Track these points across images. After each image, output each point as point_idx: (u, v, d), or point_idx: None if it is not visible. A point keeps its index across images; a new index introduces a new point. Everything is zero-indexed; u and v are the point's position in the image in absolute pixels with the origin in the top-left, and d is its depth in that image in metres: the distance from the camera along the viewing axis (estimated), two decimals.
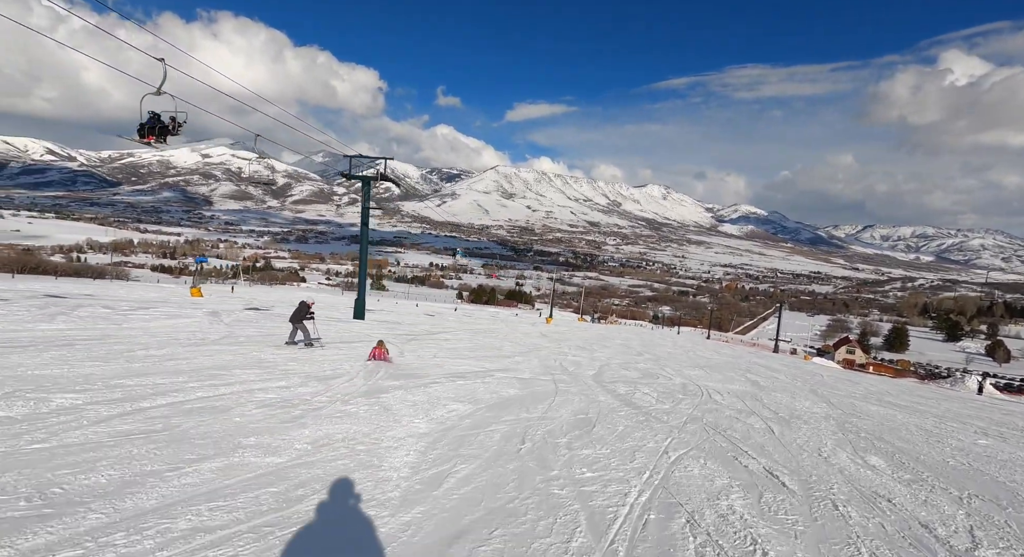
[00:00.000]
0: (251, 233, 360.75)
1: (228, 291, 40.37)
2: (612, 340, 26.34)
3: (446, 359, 11.87)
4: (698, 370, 15.29)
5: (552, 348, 17.94)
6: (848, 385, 17.20)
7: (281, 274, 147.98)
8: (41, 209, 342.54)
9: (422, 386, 8.09)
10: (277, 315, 18.74)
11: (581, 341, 23.00)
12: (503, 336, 21.36)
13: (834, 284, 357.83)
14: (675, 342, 33.11)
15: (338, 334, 14.79)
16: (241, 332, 12.81)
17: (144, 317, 13.82)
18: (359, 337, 14.43)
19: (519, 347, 16.94)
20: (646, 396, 9.45)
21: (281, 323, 14.80)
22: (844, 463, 5.87)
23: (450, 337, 18.00)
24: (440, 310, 43.56)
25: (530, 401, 7.84)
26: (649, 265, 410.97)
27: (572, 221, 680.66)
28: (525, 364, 12.36)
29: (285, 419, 5.29)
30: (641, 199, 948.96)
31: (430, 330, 20.27)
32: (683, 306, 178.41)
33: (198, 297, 25.52)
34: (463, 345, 15.61)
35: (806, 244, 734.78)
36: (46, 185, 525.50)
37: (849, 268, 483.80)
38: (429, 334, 18.40)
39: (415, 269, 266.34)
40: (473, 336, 19.57)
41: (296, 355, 9.96)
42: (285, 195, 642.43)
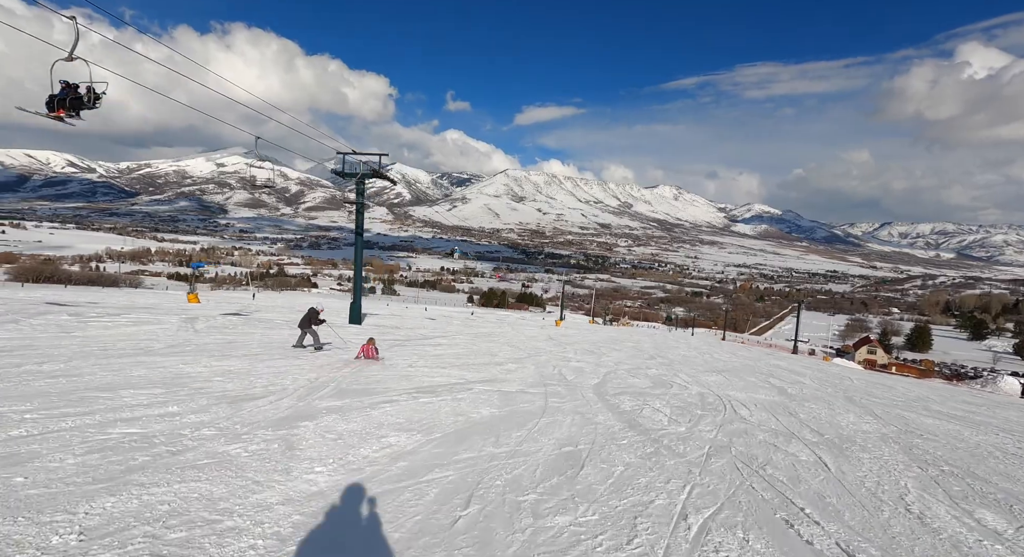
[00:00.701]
0: (265, 240, 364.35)
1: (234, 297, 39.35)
2: (623, 343, 24.42)
3: (423, 368, 10.27)
4: (716, 375, 13.57)
5: (555, 352, 16.12)
6: (883, 390, 15.20)
7: (293, 280, 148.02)
8: (63, 220, 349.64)
9: (367, 407, 6.36)
10: (258, 321, 17.47)
11: (589, 344, 21.10)
12: (504, 340, 19.47)
13: (852, 283, 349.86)
14: (689, 344, 30.89)
15: (323, 341, 13.37)
16: (202, 340, 11.55)
17: (106, 324, 12.79)
18: (341, 344, 12.94)
19: (517, 352, 15.17)
20: (657, 413, 7.67)
21: (258, 329, 14.23)
22: (950, 526, 3.99)
23: (444, 342, 16.30)
24: (450, 314, 41.95)
25: (505, 426, 6.06)
26: (661, 266, 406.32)
27: (583, 223, 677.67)
28: (517, 373, 10.70)
29: (106, 476, 3.51)
30: (652, 200, 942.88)
31: (427, 334, 18.70)
32: (697, 307, 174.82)
33: (195, 303, 24.62)
34: (454, 351, 13.93)
35: (822, 243, 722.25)
36: (67, 196, 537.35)
37: (867, 266, 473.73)
38: (423, 339, 16.80)
39: (426, 273, 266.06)
40: (471, 340, 17.82)
41: (234, 368, 8.36)
42: (298, 202, 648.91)
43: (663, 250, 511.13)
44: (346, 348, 12.05)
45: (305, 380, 7.83)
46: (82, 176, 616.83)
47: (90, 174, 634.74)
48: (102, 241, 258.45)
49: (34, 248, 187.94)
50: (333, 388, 7.42)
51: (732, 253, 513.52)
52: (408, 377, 9.06)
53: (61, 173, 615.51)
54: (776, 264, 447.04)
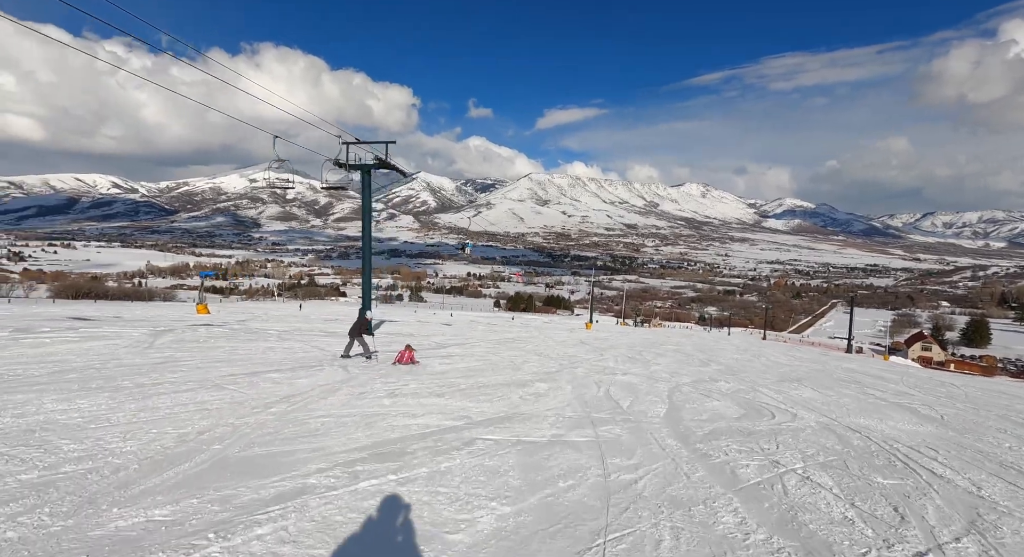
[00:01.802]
0: (296, 252, 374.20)
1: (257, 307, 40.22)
2: (662, 345, 22.84)
3: (409, 399, 7.47)
4: (806, 390, 11.13)
5: (593, 361, 13.92)
6: (1005, 398, 12.62)
7: (323, 290, 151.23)
8: (109, 239, 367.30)
9: (209, 530, 3.22)
10: (246, 332, 15.66)
11: (627, 348, 19.40)
12: (531, 347, 17.28)
13: (894, 276, 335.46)
14: (736, 345, 28.52)
15: (302, 356, 11.30)
16: (141, 360, 9.34)
17: (53, 339, 11.18)
18: (318, 361, 10.74)
19: (547, 363, 12.89)
20: (818, 495, 4.45)
21: (230, 344, 12.56)
22: None
23: (458, 352, 14.08)
24: (476, 319, 41.16)
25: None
26: (691, 265, 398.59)
27: (608, 224, 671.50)
28: (548, 399, 8.09)
29: None
30: (679, 198, 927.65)
31: (442, 342, 16.75)
32: (730, 306, 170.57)
33: (203, 314, 23.69)
34: (465, 364, 11.51)
35: (859, 236, 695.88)
36: (113, 216, 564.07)
37: (909, 259, 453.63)
38: (436, 348, 14.80)
39: (452, 279, 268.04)
40: (491, 349, 15.58)
41: (120, 417, 5.60)
42: (327, 214, 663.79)
43: (692, 249, 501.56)
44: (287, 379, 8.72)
45: (173, 438, 4.91)
46: (125, 197, 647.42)
47: (133, 194, 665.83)
48: (144, 257, 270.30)
49: (83, 267, 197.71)
50: (211, 457, 4.44)
51: (764, 249, 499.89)
52: (372, 420, 6.11)
53: (107, 195, 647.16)
54: (811, 259, 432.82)
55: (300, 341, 14.44)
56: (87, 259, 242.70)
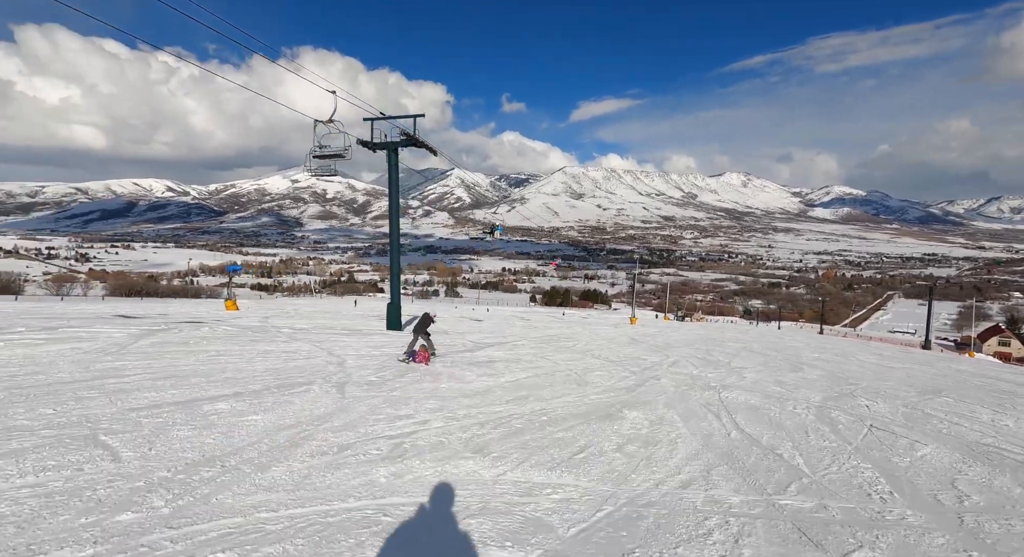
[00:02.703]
0: (336, 250, 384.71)
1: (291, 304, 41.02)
2: (725, 343, 20.53)
3: (426, 463, 4.51)
4: (982, 410, 8.58)
5: (667, 366, 11.68)
6: None
7: (361, 286, 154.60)
8: (164, 240, 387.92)
9: None
10: (255, 331, 13.76)
11: (689, 347, 17.29)
12: (582, 347, 15.06)
13: (956, 266, 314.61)
14: (805, 342, 25.14)
15: (296, 366, 8.99)
16: (70, 373, 7.26)
17: (33, 341, 9.63)
18: (310, 376, 8.12)
19: (615, 371, 10.65)
20: None
21: (235, 346, 10.96)
22: None
23: (499, 355, 12.04)
24: (514, 314, 40.34)
25: None
26: (732, 257, 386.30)
27: (645, 217, 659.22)
28: (666, 450, 5.28)
29: None
30: (719, 189, 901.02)
31: (479, 341, 14.79)
32: (776, 299, 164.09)
33: (232, 311, 22.19)
34: (512, 377, 9.13)
35: (915, 224, 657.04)
36: (167, 219, 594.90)
37: (973, 247, 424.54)
38: (472, 349, 12.77)
39: (488, 274, 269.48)
40: (538, 351, 13.23)
41: None
42: (365, 212, 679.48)
43: (733, 240, 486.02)
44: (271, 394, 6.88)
45: None
46: (178, 200, 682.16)
47: (185, 197, 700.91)
48: (196, 257, 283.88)
49: (142, 266, 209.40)
50: None
51: (811, 240, 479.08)
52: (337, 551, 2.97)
53: (161, 198, 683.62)
54: (862, 250, 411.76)
55: (312, 342, 12.48)
56: (145, 259, 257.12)
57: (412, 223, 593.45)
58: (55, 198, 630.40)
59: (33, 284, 58.74)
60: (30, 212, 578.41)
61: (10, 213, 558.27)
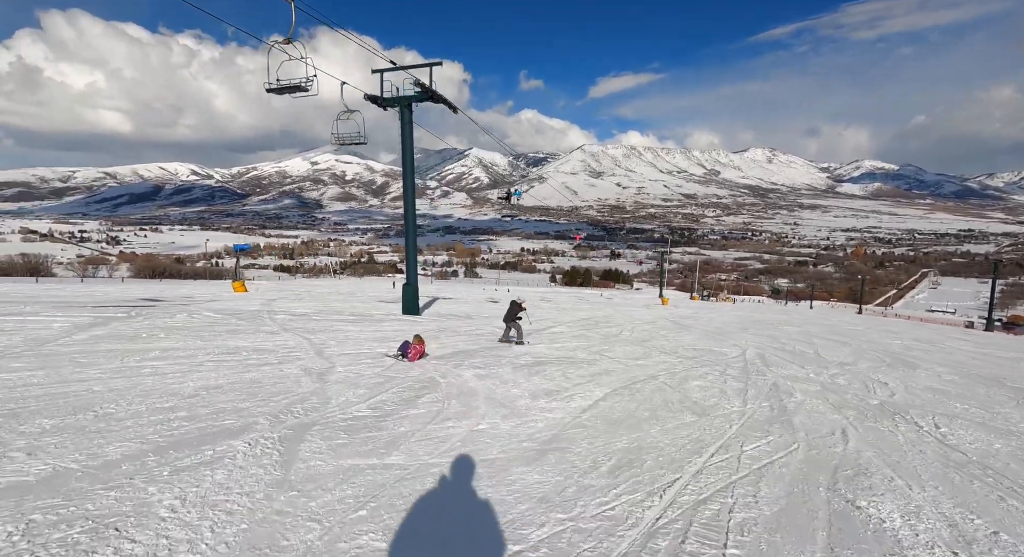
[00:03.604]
0: (356, 231, 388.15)
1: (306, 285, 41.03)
2: (779, 325, 18.85)
3: None
4: None
5: (775, 371, 9.11)
6: None
7: (381, 267, 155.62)
8: (190, 223, 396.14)
9: None
10: (241, 319, 11.98)
11: (750, 333, 15.42)
12: (629, 334, 13.52)
13: (995, 242, 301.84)
14: (863, 324, 23.28)
15: (252, 380, 6.46)
16: None
17: None
18: (268, 397, 5.72)
19: (710, 375, 8.34)
20: None
21: (200, 341, 8.82)
22: None
23: (542, 353, 9.85)
24: (544, 295, 39.17)
25: None
26: (756, 235, 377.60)
27: (666, 195, 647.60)
28: None
29: None
30: (742, 165, 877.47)
31: (524, 330, 12.55)
32: (803, 277, 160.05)
33: (240, 292, 20.99)
34: (580, 405, 6.11)
35: (951, 198, 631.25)
36: (192, 202, 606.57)
37: (1013, 222, 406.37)
38: (493, 349, 9.93)
39: (507, 255, 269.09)
40: (580, 339, 12.07)
41: None
42: (384, 193, 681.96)
43: (756, 218, 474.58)
44: None
45: None
46: (203, 183, 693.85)
47: (208, 181, 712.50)
48: (221, 239, 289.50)
49: (169, 249, 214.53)
50: None
51: (838, 216, 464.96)
52: None
53: (186, 181, 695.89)
54: (893, 226, 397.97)
55: (304, 334, 10.35)
56: (172, 242, 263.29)
57: (430, 204, 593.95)
58: (86, 183, 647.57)
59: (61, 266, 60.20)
60: (63, 196, 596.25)
61: (44, 198, 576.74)
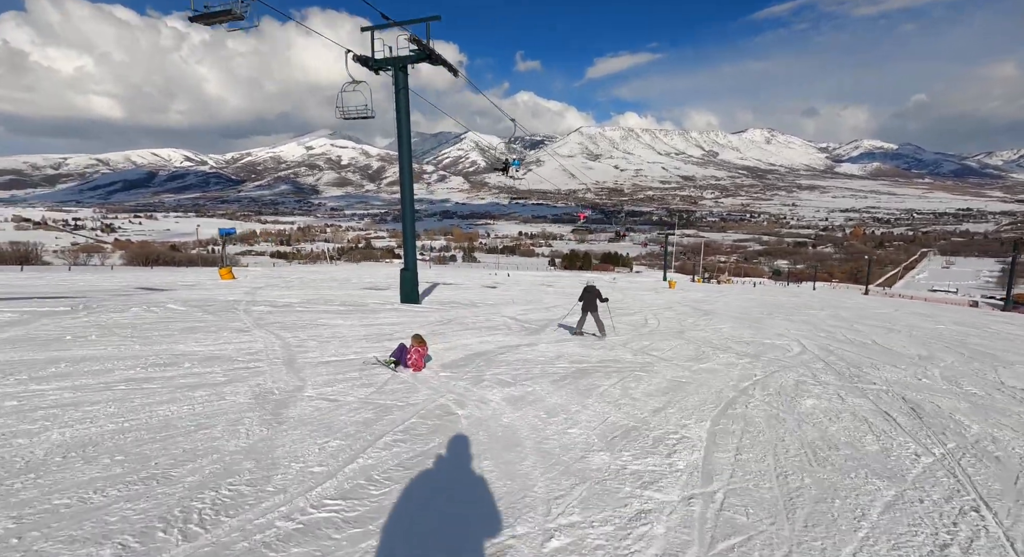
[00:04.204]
0: (353, 216, 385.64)
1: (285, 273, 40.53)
2: (801, 309, 17.84)
3: None
4: None
5: (859, 376, 7.24)
6: None
7: (378, 252, 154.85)
8: (184, 209, 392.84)
9: None
10: (223, 309, 10.77)
11: (784, 320, 14.38)
12: (662, 325, 12.13)
13: (995, 221, 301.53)
14: (889, 306, 22.51)
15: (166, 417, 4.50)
16: None
17: None
18: (180, 459, 3.61)
19: (804, 379, 6.86)
20: None
21: (141, 344, 7.01)
22: None
23: (575, 354, 7.92)
24: (544, 279, 37.89)
25: None
26: (754, 217, 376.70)
27: (664, 177, 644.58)
28: None
29: None
30: (740, 146, 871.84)
31: (524, 319, 11.56)
32: (803, 258, 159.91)
33: (228, 280, 19.72)
34: (622, 412, 5.13)
35: (949, 178, 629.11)
36: (186, 188, 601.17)
37: (1011, 201, 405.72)
38: (523, 331, 9.61)
39: (505, 239, 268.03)
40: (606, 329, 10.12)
41: None
42: (380, 178, 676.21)
43: (755, 199, 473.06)
44: None
45: None
46: (197, 169, 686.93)
47: (203, 167, 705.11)
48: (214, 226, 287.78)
49: (165, 236, 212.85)
50: None
51: (837, 197, 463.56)
52: None
53: (180, 168, 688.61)
54: (892, 206, 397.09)
55: (279, 331, 8.50)
56: (167, 229, 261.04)
57: (427, 188, 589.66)
58: (78, 170, 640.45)
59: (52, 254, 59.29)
60: (55, 184, 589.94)
61: (37, 185, 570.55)
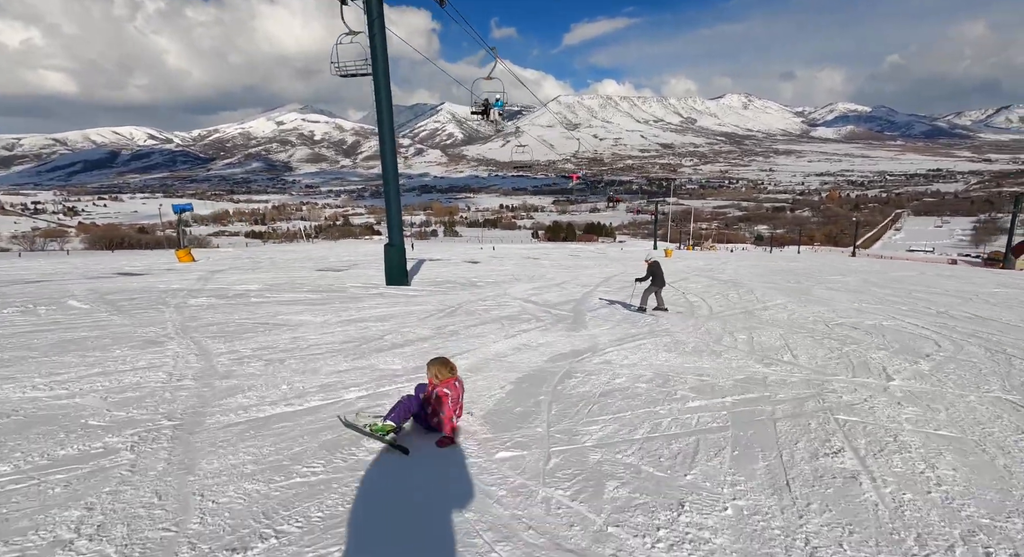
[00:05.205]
0: (329, 193, 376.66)
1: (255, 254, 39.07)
2: (811, 274, 16.85)
3: None
4: None
5: (1011, 374, 5.34)
6: None
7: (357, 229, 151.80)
8: (152, 190, 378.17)
9: None
10: (150, 301, 8.86)
11: (819, 288, 12.97)
12: (712, 303, 10.07)
13: (964, 181, 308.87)
14: (918, 270, 21.29)
15: None
16: None
17: None
18: None
19: None
20: None
21: None
22: None
23: (629, 369, 5.25)
24: (529, 253, 36.15)
25: None
26: (732, 183, 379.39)
27: (643, 146, 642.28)
28: None
29: None
30: (718, 112, 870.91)
31: (540, 298, 9.84)
32: (782, 223, 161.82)
33: (186, 262, 17.86)
34: None
35: (920, 139, 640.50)
36: (152, 167, 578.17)
37: (979, 161, 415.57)
38: (549, 319, 7.83)
39: (485, 212, 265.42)
40: (671, 341, 6.77)
41: None
42: (355, 153, 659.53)
43: (733, 166, 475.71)
44: None
45: None
46: (162, 147, 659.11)
47: (168, 145, 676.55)
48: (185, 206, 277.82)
49: (132, 218, 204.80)
50: None
51: (812, 161, 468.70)
52: None
53: (144, 146, 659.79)
54: (866, 169, 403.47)
55: (213, 340, 6.06)
56: (135, 210, 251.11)
57: (405, 162, 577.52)
58: (34, 150, 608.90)
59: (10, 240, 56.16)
60: (10, 166, 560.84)
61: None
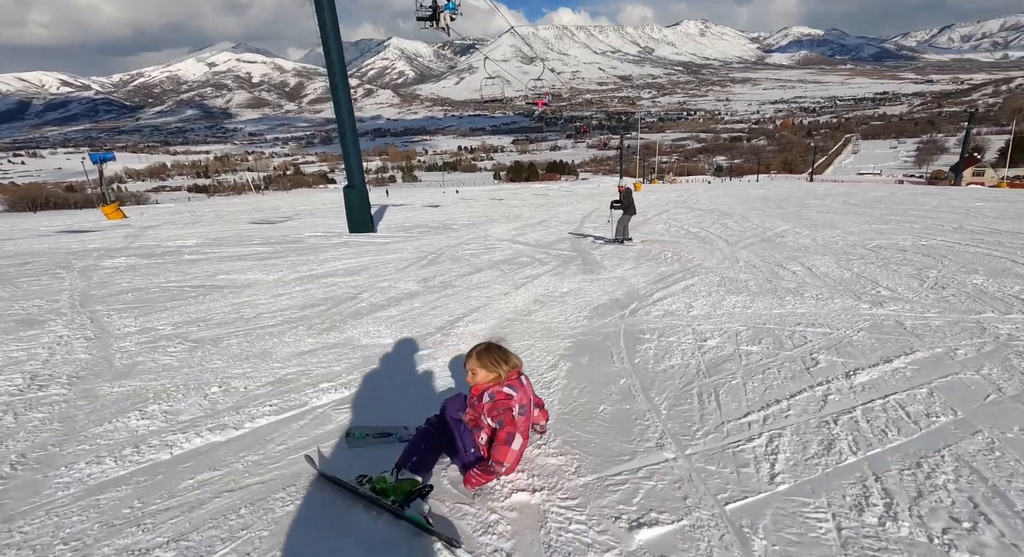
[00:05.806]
0: (276, 142, 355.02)
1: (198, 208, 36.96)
2: (792, 201, 15.41)
3: None
4: None
5: None
6: None
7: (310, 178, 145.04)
8: (76, 144, 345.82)
9: None
10: None
11: (820, 212, 11.91)
12: (721, 248, 7.08)
13: (908, 103, 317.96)
14: (874, 193, 19.99)
15: None
16: None
17: None
18: None
19: None
20: None
21: None
22: None
23: None
24: (494, 193, 33.49)
25: None
26: (691, 115, 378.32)
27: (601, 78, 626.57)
28: None
29: None
30: (676, 40, 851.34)
31: (551, 241, 8.44)
32: (740, 153, 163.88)
33: (116, 219, 15.37)
34: None
35: (869, 62, 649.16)
36: (72, 119, 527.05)
37: (922, 82, 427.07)
38: (614, 319, 3.92)
39: (444, 155, 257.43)
40: None
41: None
42: (300, 96, 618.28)
43: (691, 96, 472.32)
44: None
45: None
46: (80, 95, 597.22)
47: (87, 92, 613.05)
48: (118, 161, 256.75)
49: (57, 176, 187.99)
50: None
51: (767, 89, 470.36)
52: None
53: (58, 94, 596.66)
54: (817, 95, 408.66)
55: (118, 315, 4.18)
56: (59, 167, 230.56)
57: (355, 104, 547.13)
58: None
59: None
60: None
61: None
